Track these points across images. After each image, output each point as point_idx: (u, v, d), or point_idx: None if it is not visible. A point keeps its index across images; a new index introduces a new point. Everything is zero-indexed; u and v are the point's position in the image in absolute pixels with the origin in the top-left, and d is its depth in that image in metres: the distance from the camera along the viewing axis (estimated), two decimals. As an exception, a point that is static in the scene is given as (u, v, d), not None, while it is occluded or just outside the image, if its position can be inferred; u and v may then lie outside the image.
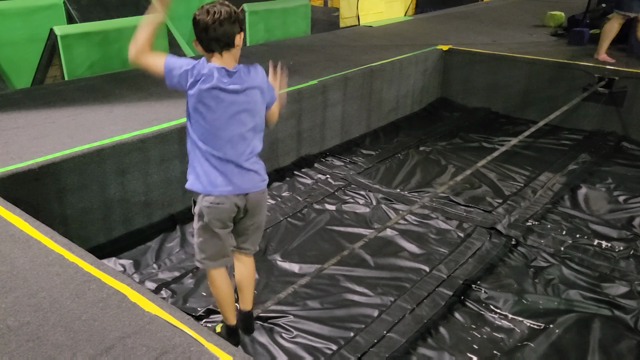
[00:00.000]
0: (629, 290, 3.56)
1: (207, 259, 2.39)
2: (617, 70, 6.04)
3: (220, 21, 2.08)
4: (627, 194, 4.86)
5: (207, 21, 2.08)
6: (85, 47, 6.09)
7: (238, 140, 2.22)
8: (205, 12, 2.10)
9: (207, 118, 2.19)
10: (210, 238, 2.35)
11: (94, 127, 4.14)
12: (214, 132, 2.20)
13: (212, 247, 2.37)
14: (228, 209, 2.28)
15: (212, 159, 2.21)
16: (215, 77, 2.15)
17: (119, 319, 2.11)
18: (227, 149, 2.21)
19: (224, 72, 2.18)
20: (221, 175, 2.21)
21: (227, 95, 2.18)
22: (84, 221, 3.82)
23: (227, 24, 2.10)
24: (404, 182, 5.14)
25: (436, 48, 7.06)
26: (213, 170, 2.21)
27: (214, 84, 2.14)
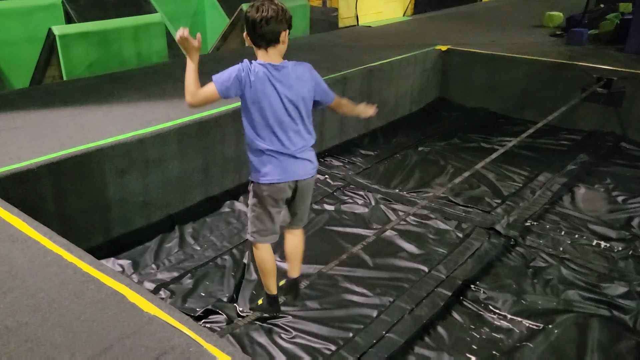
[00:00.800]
0: (627, 291, 3.56)
1: (256, 233, 2.54)
2: (616, 71, 6.05)
3: (267, 19, 2.20)
4: (625, 194, 4.87)
5: (255, 18, 2.21)
6: (83, 47, 6.09)
7: (289, 131, 2.36)
8: (254, 10, 2.23)
9: (260, 113, 2.31)
10: (263, 215, 2.49)
11: (92, 127, 4.13)
12: (266, 125, 2.33)
13: (263, 223, 2.51)
14: (282, 191, 2.43)
15: (267, 151, 2.36)
16: (263, 73, 2.27)
17: (118, 320, 2.10)
18: (281, 140, 2.35)
19: (271, 67, 2.30)
20: (276, 165, 2.37)
21: (275, 89, 2.29)
22: (82, 221, 3.82)
23: (274, 22, 2.22)
24: (402, 183, 5.14)
25: (435, 48, 7.06)
26: (268, 161, 2.36)
27: (263, 79, 2.27)
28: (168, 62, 6.78)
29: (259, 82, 2.28)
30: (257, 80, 2.28)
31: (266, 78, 2.28)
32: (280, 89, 2.31)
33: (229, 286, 3.60)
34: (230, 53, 7.21)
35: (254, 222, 2.54)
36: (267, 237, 2.57)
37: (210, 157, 4.55)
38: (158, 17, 6.98)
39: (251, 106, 2.32)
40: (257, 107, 2.31)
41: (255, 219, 2.53)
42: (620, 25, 7.41)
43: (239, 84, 2.28)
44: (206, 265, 3.83)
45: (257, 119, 2.34)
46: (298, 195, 2.53)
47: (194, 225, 4.31)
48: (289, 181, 2.44)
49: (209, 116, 4.43)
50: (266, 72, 2.29)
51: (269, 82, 2.29)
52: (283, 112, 2.33)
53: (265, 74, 2.29)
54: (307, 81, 2.40)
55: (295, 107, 2.36)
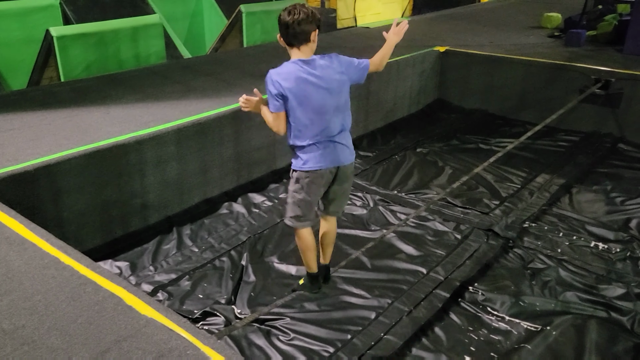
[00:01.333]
0: (625, 292, 3.57)
1: (294, 218, 2.67)
2: (614, 72, 6.06)
3: (298, 21, 2.43)
4: (623, 196, 4.87)
5: (288, 21, 2.44)
6: (81, 48, 6.09)
7: (327, 118, 2.52)
8: (287, 13, 2.46)
9: (301, 107, 2.49)
10: (302, 202, 2.63)
11: (90, 128, 4.13)
12: (307, 116, 2.50)
13: (301, 210, 2.64)
14: (322, 177, 2.57)
15: (308, 140, 2.53)
16: (294, 70, 2.48)
17: (115, 322, 2.10)
18: (320, 128, 2.51)
19: (301, 62, 2.49)
20: (317, 153, 2.53)
21: (307, 81, 2.48)
22: (80, 223, 3.81)
23: (305, 24, 2.45)
24: (401, 184, 5.14)
25: (433, 49, 7.07)
26: (310, 150, 2.53)
27: (296, 75, 2.46)
28: (166, 63, 6.78)
29: (293, 83, 2.46)
30: (290, 84, 2.46)
31: (299, 74, 2.47)
32: (313, 80, 2.49)
33: (227, 288, 3.60)
34: (228, 54, 7.20)
35: (293, 208, 2.66)
36: (304, 223, 2.70)
37: (208, 159, 4.54)
38: (156, 18, 6.97)
39: (296, 107, 2.50)
40: (297, 102, 2.48)
41: (295, 205, 2.65)
42: (618, 27, 7.42)
43: (282, 98, 2.50)
44: (204, 267, 3.82)
45: (299, 114, 2.50)
46: (338, 182, 2.66)
47: (192, 227, 4.30)
48: (330, 167, 2.57)
49: (207, 117, 4.43)
50: (298, 67, 2.48)
51: (302, 76, 2.48)
52: (319, 99, 2.49)
53: (297, 70, 2.48)
54: (335, 68, 2.56)
55: (329, 93, 2.51)
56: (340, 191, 2.73)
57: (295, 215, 2.66)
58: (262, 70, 5.89)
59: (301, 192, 2.61)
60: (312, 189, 2.59)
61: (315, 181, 2.58)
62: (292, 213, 2.67)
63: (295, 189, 2.62)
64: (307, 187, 2.58)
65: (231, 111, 4.60)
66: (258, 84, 5.30)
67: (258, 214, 4.51)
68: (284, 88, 2.46)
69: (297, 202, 2.64)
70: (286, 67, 2.51)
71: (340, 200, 2.78)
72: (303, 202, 2.63)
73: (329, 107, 2.52)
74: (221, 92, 5.08)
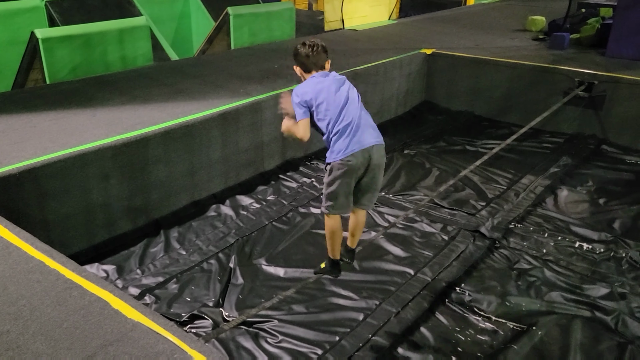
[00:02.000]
0: (609, 292, 3.61)
1: (329, 207, 2.88)
2: (597, 75, 6.14)
3: (317, 51, 2.93)
4: (607, 197, 4.94)
5: (308, 52, 2.93)
6: (67, 50, 6.04)
7: (348, 106, 2.82)
8: (307, 46, 2.94)
9: (325, 110, 2.81)
10: (335, 192, 2.83)
11: (76, 131, 4.10)
12: (331, 115, 2.80)
13: (335, 199, 2.85)
14: (355, 166, 2.77)
15: (338, 133, 2.78)
16: (313, 81, 2.90)
17: (101, 327, 2.09)
18: (345, 116, 2.80)
19: (318, 75, 2.95)
20: (345, 140, 2.76)
21: (324, 83, 2.87)
22: (65, 227, 3.78)
23: (321, 53, 2.95)
24: (388, 185, 5.16)
25: (420, 52, 7.11)
26: (339, 140, 2.77)
27: (315, 88, 2.85)
28: (153, 65, 6.75)
29: (315, 92, 2.83)
30: (313, 94, 2.83)
31: (317, 83, 2.87)
32: (328, 83, 2.88)
33: (214, 291, 3.59)
34: (215, 56, 7.19)
35: (328, 197, 2.88)
36: (337, 211, 2.91)
37: (195, 161, 4.53)
38: (143, 20, 6.94)
39: (319, 106, 2.81)
40: (323, 108, 2.81)
41: (330, 194, 2.86)
42: (601, 30, 7.53)
43: (306, 104, 2.84)
44: (192, 269, 3.81)
45: (323, 116, 2.81)
46: (370, 171, 2.85)
47: (179, 230, 4.29)
48: (360, 150, 2.76)
49: (195, 120, 4.41)
50: (316, 78, 2.91)
51: (320, 84, 2.86)
52: (336, 97, 2.83)
53: (316, 79, 2.90)
54: (343, 80, 2.98)
55: (340, 90, 2.88)
56: (372, 184, 2.92)
57: (329, 205, 2.89)
58: (249, 72, 5.93)
59: (334, 184, 2.82)
60: (344, 178, 2.80)
61: (348, 168, 2.77)
62: (327, 203, 2.90)
63: (329, 181, 2.84)
64: (340, 177, 2.79)
65: (218, 113, 4.60)
66: (246, 86, 5.33)
67: (246, 216, 4.51)
68: (315, 101, 2.83)
69: (331, 192, 2.85)
70: (307, 82, 2.93)
71: (371, 194, 2.97)
72: (335, 193, 2.84)
73: (345, 99, 2.84)
74: (208, 95, 5.07)
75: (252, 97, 4.98)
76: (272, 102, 5.09)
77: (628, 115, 6.03)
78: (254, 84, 5.42)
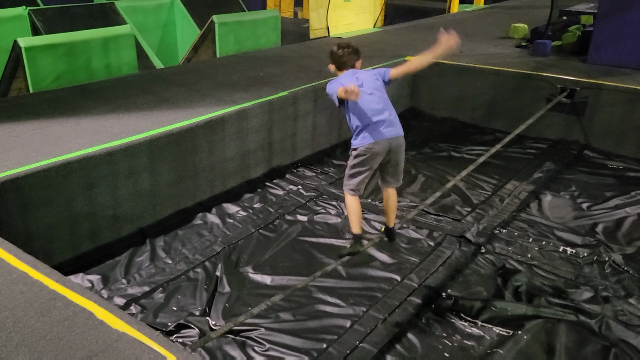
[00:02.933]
0: (593, 296, 3.66)
1: (349, 187, 3.31)
2: (578, 81, 6.24)
3: (349, 52, 3.35)
4: (590, 201, 5.01)
5: (342, 52, 3.33)
6: (50, 59, 5.99)
7: (373, 103, 3.19)
8: (341, 47, 3.35)
9: (353, 103, 3.14)
10: (356, 174, 3.26)
11: (60, 140, 4.06)
12: (358, 107, 3.17)
13: (354, 180, 3.28)
14: (378, 153, 3.17)
15: (363, 125, 3.17)
16: (347, 75, 3.31)
17: (86, 338, 2.07)
18: (368, 112, 3.17)
19: (350, 71, 3.36)
20: (372, 130, 3.15)
21: (356, 79, 3.24)
22: (49, 237, 3.74)
23: (353, 54, 3.37)
24: (374, 192, 5.18)
25: (405, 59, 7.17)
26: (364, 130, 3.17)
27: (348, 80, 3.20)
28: (138, 73, 6.72)
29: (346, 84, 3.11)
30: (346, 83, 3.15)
31: (350, 75, 3.29)
32: (360, 77, 3.27)
33: (201, 299, 3.57)
34: (201, 64, 7.18)
35: (349, 178, 3.30)
36: (355, 191, 3.33)
37: (181, 170, 4.51)
38: (127, 28, 6.91)
39: (351, 103, 3.17)
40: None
41: (351, 176, 3.29)
42: (582, 37, 7.66)
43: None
44: (178, 278, 3.79)
45: (352, 107, 3.18)
46: (392, 156, 3.25)
47: (165, 239, 4.26)
48: (380, 140, 3.15)
49: (180, 128, 4.40)
50: (349, 73, 3.32)
51: (351, 78, 3.25)
52: (363, 92, 3.14)
53: (349, 75, 3.30)
54: (371, 73, 3.35)
55: (368, 84, 3.24)
56: (396, 166, 3.34)
57: (349, 185, 3.30)
58: (235, 80, 5.93)
59: (355, 167, 3.24)
60: (366, 163, 3.20)
61: (371, 153, 3.17)
62: (348, 182, 3.31)
63: (352, 164, 3.26)
64: (362, 162, 3.20)
65: (204, 121, 4.59)
66: (231, 94, 5.33)
67: (232, 224, 4.49)
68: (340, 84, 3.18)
69: (352, 174, 3.27)
70: (340, 77, 3.35)
71: (398, 173, 3.41)
72: (356, 175, 3.26)
73: (371, 94, 3.20)
74: (194, 103, 5.06)
75: (238, 105, 4.98)
76: (258, 110, 5.10)
77: (609, 121, 6.13)
78: (239, 92, 5.42)
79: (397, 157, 3.30)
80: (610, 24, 6.82)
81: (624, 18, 6.68)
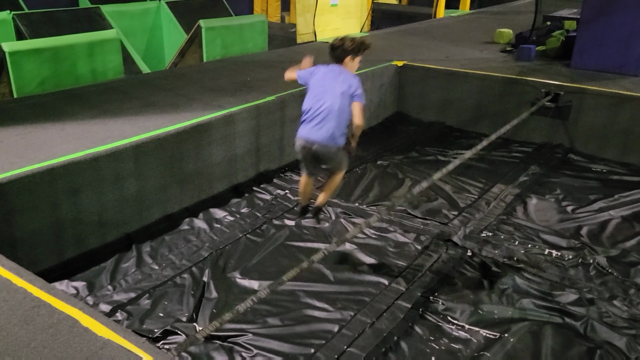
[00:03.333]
0: (578, 298, 3.70)
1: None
2: (562, 86, 6.32)
3: (337, 47, 3.71)
4: (574, 204, 5.06)
5: (332, 46, 3.74)
6: (35, 63, 5.94)
7: (322, 96, 3.71)
8: (337, 40, 3.71)
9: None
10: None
11: (44, 146, 4.02)
12: (310, 92, 3.81)
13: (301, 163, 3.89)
14: (300, 148, 3.79)
15: (303, 116, 3.74)
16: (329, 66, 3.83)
17: (70, 345, 2.04)
18: (314, 102, 3.72)
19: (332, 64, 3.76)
20: (303, 125, 3.78)
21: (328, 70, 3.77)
22: (34, 243, 3.70)
23: (341, 51, 3.69)
24: (362, 196, 5.20)
25: (391, 64, 7.21)
26: (302, 123, 3.80)
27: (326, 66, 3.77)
28: (124, 78, 6.68)
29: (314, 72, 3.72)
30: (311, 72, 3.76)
31: (325, 66, 3.74)
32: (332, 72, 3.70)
33: (188, 306, 3.55)
34: (188, 69, 7.16)
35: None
36: (301, 170, 3.93)
37: (168, 175, 4.49)
38: (113, 33, 6.87)
39: (308, 88, 3.70)
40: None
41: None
42: (566, 42, 7.76)
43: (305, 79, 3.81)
44: (165, 284, 3.76)
45: (307, 92, 3.73)
46: (317, 155, 3.75)
47: (152, 244, 4.23)
48: (301, 138, 3.68)
49: (167, 133, 4.38)
50: (330, 66, 3.76)
51: (323, 67, 3.74)
52: (321, 83, 3.68)
53: (326, 67, 3.76)
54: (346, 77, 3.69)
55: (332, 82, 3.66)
56: (323, 161, 3.84)
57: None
58: (222, 85, 5.92)
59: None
60: (297, 152, 3.79)
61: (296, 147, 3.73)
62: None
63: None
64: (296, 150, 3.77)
65: (191, 126, 4.57)
66: (218, 99, 5.32)
67: (220, 229, 4.48)
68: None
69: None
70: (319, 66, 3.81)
71: (329, 165, 3.92)
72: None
73: (317, 85, 3.67)
74: (180, 108, 5.04)
75: (225, 110, 4.97)
76: (246, 115, 5.09)
77: (593, 124, 6.21)
78: (226, 97, 5.42)
79: (323, 158, 3.74)
80: (592, 29, 6.92)
81: (606, 23, 6.78)
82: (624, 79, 6.60)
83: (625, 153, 6.09)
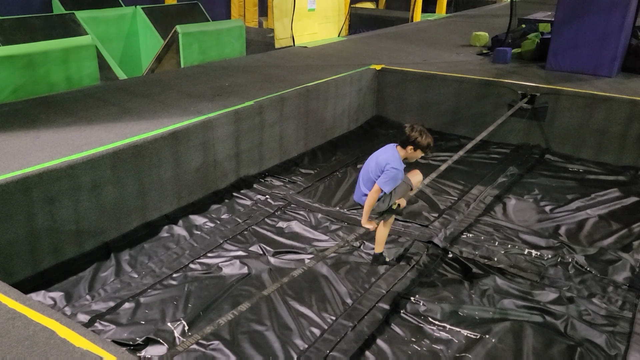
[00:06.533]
0: (557, 297, 3.74)
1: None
2: (538, 87, 6.41)
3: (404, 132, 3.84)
4: (552, 204, 5.13)
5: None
6: (8, 70, 5.82)
7: (362, 176, 4.08)
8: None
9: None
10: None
11: (18, 154, 3.94)
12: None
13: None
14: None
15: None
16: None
17: (47, 357, 2.00)
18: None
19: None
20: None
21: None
22: (8, 254, 3.61)
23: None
24: (343, 200, 5.20)
25: (370, 67, 7.25)
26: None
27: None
28: (100, 85, 6.59)
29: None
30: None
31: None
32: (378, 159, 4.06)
33: (169, 313, 3.50)
34: (165, 75, 7.09)
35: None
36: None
37: (146, 181, 4.44)
38: (88, 39, 6.78)
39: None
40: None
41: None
42: (541, 45, 7.90)
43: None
44: (144, 292, 3.71)
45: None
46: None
47: (131, 252, 4.17)
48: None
49: (144, 139, 4.33)
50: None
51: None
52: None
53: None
54: (380, 164, 3.95)
55: (371, 168, 4.03)
56: None
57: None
58: (200, 90, 5.88)
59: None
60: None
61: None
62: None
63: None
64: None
65: (169, 132, 4.53)
66: (196, 105, 5.28)
67: (200, 236, 4.43)
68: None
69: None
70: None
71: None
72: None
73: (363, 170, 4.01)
74: (158, 114, 4.99)
75: (204, 115, 4.93)
76: (224, 120, 5.06)
77: (569, 125, 6.31)
78: (205, 102, 5.38)
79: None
80: (567, 32, 7.05)
81: (580, 25, 6.91)
82: (599, 80, 6.73)
83: (601, 153, 6.20)
